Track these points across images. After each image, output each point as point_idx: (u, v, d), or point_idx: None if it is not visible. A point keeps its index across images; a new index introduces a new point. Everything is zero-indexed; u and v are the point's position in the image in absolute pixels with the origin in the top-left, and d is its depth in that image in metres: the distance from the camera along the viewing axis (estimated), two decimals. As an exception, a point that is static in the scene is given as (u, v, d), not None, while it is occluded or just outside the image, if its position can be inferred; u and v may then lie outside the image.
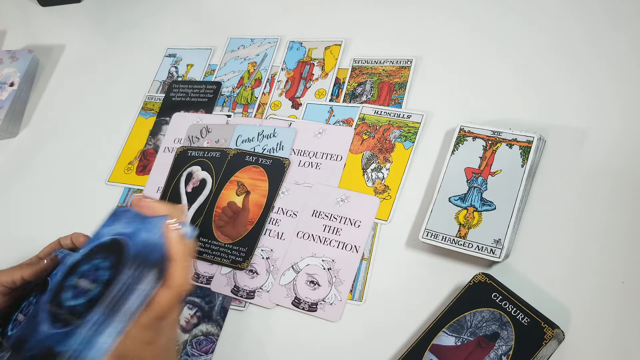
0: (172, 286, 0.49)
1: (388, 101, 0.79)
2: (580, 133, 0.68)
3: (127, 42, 1.03)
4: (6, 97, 0.99)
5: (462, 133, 0.69)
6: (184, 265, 0.49)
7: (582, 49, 0.74)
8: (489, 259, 0.61)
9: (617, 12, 0.74)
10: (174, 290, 0.49)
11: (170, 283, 0.49)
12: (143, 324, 0.48)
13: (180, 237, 0.50)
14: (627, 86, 0.69)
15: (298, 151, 0.78)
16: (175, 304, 0.49)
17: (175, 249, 0.49)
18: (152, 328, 0.49)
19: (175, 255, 0.49)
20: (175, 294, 0.49)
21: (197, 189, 0.80)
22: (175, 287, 0.49)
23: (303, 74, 0.86)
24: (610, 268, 0.60)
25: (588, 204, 0.64)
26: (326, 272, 0.69)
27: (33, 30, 1.13)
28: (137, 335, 0.48)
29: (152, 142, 0.88)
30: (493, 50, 0.78)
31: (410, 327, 0.63)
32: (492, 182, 0.65)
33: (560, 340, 0.57)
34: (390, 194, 0.72)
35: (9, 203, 0.91)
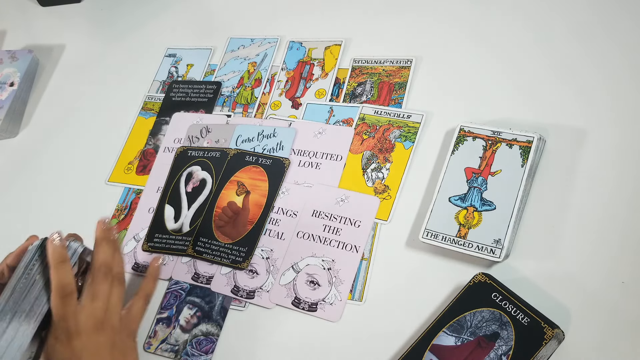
0: (53, 288, 0.57)
1: (388, 101, 0.79)
2: (580, 133, 0.68)
3: (127, 42, 1.03)
4: (6, 97, 0.99)
5: (462, 133, 0.69)
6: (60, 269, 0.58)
7: (582, 49, 0.74)
8: (489, 259, 0.61)
9: (614, 14, 0.75)
10: (54, 292, 0.57)
11: (52, 286, 0.58)
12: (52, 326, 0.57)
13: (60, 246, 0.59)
14: (627, 86, 0.69)
15: (298, 151, 0.78)
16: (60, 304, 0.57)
17: (50, 256, 0.58)
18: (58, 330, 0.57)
19: (50, 262, 0.58)
20: (55, 295, 0.57)
21: (197, 189, 0.80)
22: (55, 288, 0.57)
23: (303, 74, 0.86)
24: (610, 268, 0.60)
25: (588, 204, 0.64)
26: (326, 272, 0.69)
27: (33, 30, 1.13)
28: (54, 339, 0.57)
29: (152, 142, 0.88)
30: (493, 50, 0.78)
31: (410, 327, 0.63)
32: (492, 182, 0.65)
33: (560, 340, 0.57)
34: (390, 194, 0.72)
35: (8, 203, 0.91)
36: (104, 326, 0.58)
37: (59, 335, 0.57)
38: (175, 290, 0.74)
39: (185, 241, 0.76)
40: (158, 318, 0.73)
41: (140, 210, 0.82)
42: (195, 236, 0.76)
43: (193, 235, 0.76)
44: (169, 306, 0.73)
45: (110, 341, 0.58)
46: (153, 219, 0.80)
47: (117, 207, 0.84)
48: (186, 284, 0.74)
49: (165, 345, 0.70)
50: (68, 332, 0.57)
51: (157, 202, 0.81)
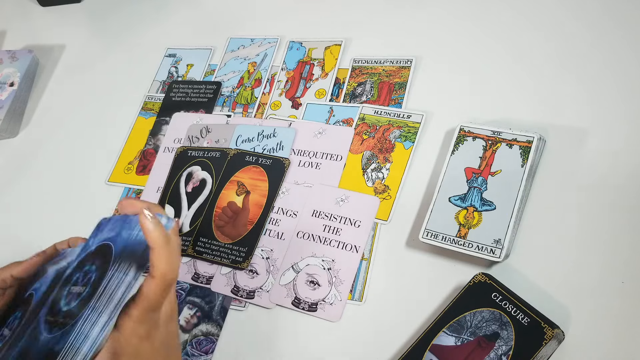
0: (156, 275, 0.48)
1: (388, 101, 0.79)
2: (580, 133, 0.68)
3: (127, 42, 1.03)
4: (6, 97, 0.99)
5: (462, 133, 0.69)
6: (165, 252, 0.48)
7: (582, 49, 0.74)
8: (489, 259, 0.61)
9: (618, 12, 0.75)
10: (158, 279, 0.48)
11: (153, 272, 0.48)
12: (135, 317, 0.47)
13: (157, 225, 0.49)
14: (627, 86, 0.69)
15: (298, 151, 0.78)
16: (163, 292, 0.49)
17: (152, 238, 0.48)
18: (145, 322, 0.48)
19: (154, 244, 0.48)
20: (160, 282, 0.48)
21: (197, 189, 0.80)
22: (159, 276, 0.48)
23: (303, 74, 0.86)
24: (610, 268, 0.60)
25: (588, 204, 0.64)
26: (326, 272, 0.69)
27: (33, 30, 1.13)
28: (131, 331, 0.47)
29: (152, 142, 0.88)
30: (493, 50, 0.78)
31: (410, 327, 0.63)
32: (492, 182, 0.65)
33: (560, 340, 0.57)
34: (390, 194, 0.72)
35: (9, 203, 0.91)
36: (174, 315, 0.52)
37: (139, 328, 0.48)
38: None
39: (185, 241, 0.76)
40: (158, 318, 0.73)
41: (140, 210, 0.82)
42: (195, 236, 0.76)
43: (193, 235, 0.76)
44: (169, 306, 0.73)
45: (176, 329, 0.53)
46: (153, 219, 0.80)
47: (117, 207, 0.84)
48: (186, 284, 0.74)
49: (165, 345, 0.70)
50: (153, 324, 0.49)
51: (157, 202, 0.81)
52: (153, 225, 0.48)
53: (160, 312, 0.49)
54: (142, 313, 0.48)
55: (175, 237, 0.50)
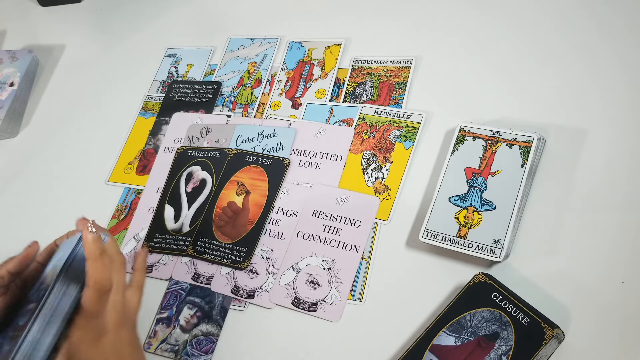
0: (89, 283, 0.53)
1: (388, 101, 0.79)
2: (580, 133, 0.68)
3: (127, 42, 1.03)
4: (6, 97, 0.99)
5: (462, 133, 0.69)
6: (98, 262, 0.54)
7: (582, 49, 0.74)
8: (489, 259, 0.61)
9: (618, 13, 0.74)
10: (91, 287, 0.53)
11: (87, 281, 0.53)
12: (79, 325, 0.53)
13: (95, 238, 0.54)
14: (627, 86, 0.69)
15: (298, 151, 0.78)
16: (99, 300, 0.53)
17: (87, 249, 0.54)
18: (88, 329, 0.53)
19: (88, 255, 0.54)
20: (94, 290, 0.53)
21: (197, 188, 0.80)
22: (92, 284, 0.53)
23: (303, 74, 0.86)
24: (610, 268, 0.60)
25: (588, 204, 0.64)
26: (326, 272, 0.69)
27: (33, 30, 1.13)
28: (78, 338, 0.53)
29: (152, 142, 0.88)
30: (493, 50, 0.78)
31: (410, 327, 0.63)
32: (492, 182, 0.65)
33: (560, 340, 0.57)
34: (390, 194, 0.72)
35: (9, 203, 0.91)
36: (125, 321, 0.56)
37: (85, 335, 0.53)
38: (175, 290, 0.74)
39: (185, 241, 0.76)
40: (158, 318, 0.73)
41: (140, 210, 0.82)
42: (195, 236, 0.76)
43: (193, 235, 0.76)
44: (169, 306, 0.73)
45: (129, 336, 0.57)
46: (153, 219, 0.80)
47: (117, 207, 0.84)
48: (186, 284, 0.74)
49: (165, 345, 0.70)
50: (98, 330, 0.54)
51: (157, 202, 0.81)
52: (91, 237, 0.54)
53: (104, 319, 0.54)
54: (83, 320, 0.53)
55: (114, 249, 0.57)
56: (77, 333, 0.53)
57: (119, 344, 0.55)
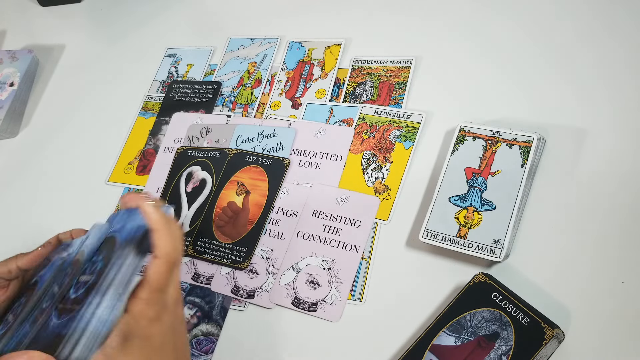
0: (160, 255, 0.49)
1: (388, 101, 0.79)
2: (580, 133, 0.68)
3: (127, 42, 1.03)
4: (6, 97, 0.99)
5: (462, 133, 0.69)
6: (166, 232, 0.49)
7: (582, 49, 0.74)
8: (489, 259, 0.61)
9: (614, 13, 0.75)
10: (162, 259, 0.49)
11: (157, 252, 0.49)
12: (143, 299, 0.48)
13: (158, 209, 0.50)
14: (627, 86, 0.69)
15: (298, 151, 0.78)
16: (167, 272, 0.49)
17: (153, 219, 0.50)
18: (153, 303, 0.49)
19: (155, 225, 0.49)
20: (164, 262, 0.49)
21: (197, 189, 0.80)
22: (163, 255, 0.49)
23: (303, 74, 0.86)
24: (610, 268, 0.60)
25: (588, 204, 0.64)
26: (326, 272, 0.69)
27: (33, 30, 1.13)
28: (140, 313, 0.48)
29: (152, 142, 0.88)
30: (493, 50, 0.78)
31: (410, 327, 0.63)
32: (492, 182, 0.65)
33: (560, 340, 0.57)
34: (390, 194, 0.72)
35: (9, 203, 0.91)
36: (180, 298, 0.53)
37: (147, 310, 0.48)
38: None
39: (185, 241, 0.76)
40: (158, 318, 0.73)
41: (140, 210, 0.82)
42: (195, 236, 0.76)
43: (193, 235, 0.76)
44: (169, 306, 0.73)
45: (182, 313, 0.54)
46: (153, 219, 0.80)
47: (117, 207, 0.84)
48: (186, 284, 0.74)
49: (165, 345, 0.70)
50: (161, 306, 0.50)
51: (157, 202, 0.81)
52: (154, 208, 0.50)
53: (167, 294, 0.50)
54: (149, 294, 0.48)
55: (176, 222, 0.52)
56: (139, 307, 0.48)
57: (176, 321, 0.52)
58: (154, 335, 0.49)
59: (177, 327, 0.52)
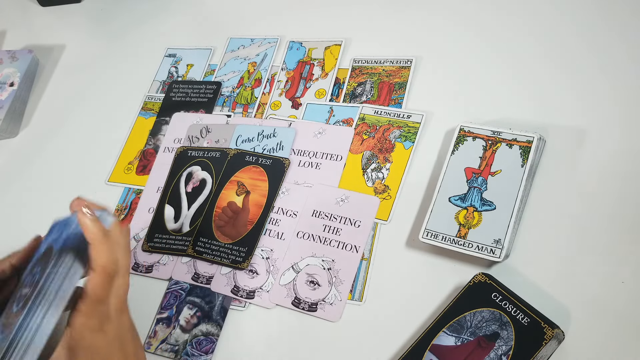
0: (96, 268, 0.50)
1: (388, 101, 0.79)
2: (580, 133, 0.68)
3: (127, 42, 1.03)
4: (6, 97, 0.99)
5: (462, 133, 0.69)
6: (103, 246, 0.51)
7: (582, 49, 0.74)
8: (489, 259, 0.61)
9: (615, 12, 0.75)
10: (98, 272, 0.50)
11: (93, 265, 0.50)
12: (83, 311, 0.50)
13: (94, 221, 0.51)
14: (627, 86, 0.69)
15: (298, 151, 0.78)
16: (105, 285, 0.51)
17: (89, 233, 0.51)
18: (93, 315, 0.50)
19: (91, 239, 0.51)
20: (101, 275, 0.50)
21: (197, 189, 0.80)
22: (99, 269, 0.50)
23: (303, 74, 0.86)
24: (610, 268, 0.60)
25: (588, 204, 0.64)
26: (326, 272, 0.69)
27: (33, 30, 1.13)
28: (82, 325, 0.49)
29: (152, 142, 0.88)
30: (493, 50, 0.78)
31: (410, 327, 0.63)
32: (492, 182, 0.65)
33: (560, 340, 0.57)
34: (390, 194, 0.72)
35: (8, 203, 0.91)
36: (125, 306, 0.54)
37: (88, 322, 0.50)
38: (175, 290, 0.74)
39: (185, 241, 0.76)
40: (158, 318, 0.73)
41: (140, 210, 0.82)
42: (195, 236, 0.76)
43: (193, 235, 0.76)
44: (169, 306, 0.73)
45: (129, 321, 0.55)
46: (153, 219, 0.80)
47: (117, 207, 0.84)
48: (186, 284, 0.74)
49: (165, 345, 0.70)
50: (102, 317, 0.51)
51: (157, 202, 0.81)
52: (90, 221, 0.51)
53: (108, 305, 0.51)
54: (89, 307, 0.50)
55: (117, 231, 0.53)
56: (79, 320, 0.49)
57: (121, 330, 0.53)
58: (99, 346, 0.50)
59: (124, 336, 0.53)
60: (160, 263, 0.76)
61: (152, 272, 0.76)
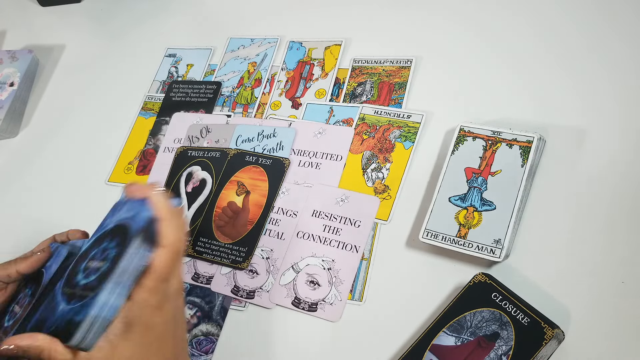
0: (166, 245, 0.50)
1: (388, 101, 0.79)
2: (580, 133, 0.68)
3: (127, 42, 1.03)
4: (6, 97, 0.99)
5: (462, 133, 0.69)
6: (173, 222, 0.51)
7: (582, 49, 0.74)
8: (489, 259, 0.61)
9: (615, 12, 0.75)
10: (168, 249, 0.50)
11: (163, 242, 0.50)
12: (147, 287, 0.49)
13: (166, 199, 0.51)
14: (627, 86, 0.69)
15: (298, 151, 0.78)
16: (172, 262, 0.50)
17: (161, 209, 0.51)
18: (157, 292, 0.49)
19: (162, 214, 0.50)
20: (170, 251, 0.50)
21: (197, 189, 0.80)
22: (169, 245, 0.50)
23: (303, 74, 0.86)
24: (610, 268, 0.60)
25: (588, 204, 0.64)
26: (326, 272, 0.69)
27: (33, 30, 1.13)
28: (143, 301, 0.49)
29: (152, 142, 0.88)
30: (493, 50, 0.78)
31: (410, 327, 0.63)
32: (492, 182, 0.65)
33: (560, 340, 0.57)
34: (390, 194, 0.72)
35: (9, 203, 0.91)
36: (181, 289, 0.53)
37: (151, 299, 0.49)
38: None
39: (185, 241, 0.76)
40: (158, 318, 0.73)
41: (140, 210, 0.82)
42: (195, 236, 0.76)
43: (193, 235, 0.76)
44: (169, 306, 0.73)
45: (183, 304, 0.54)
46: (153, 219, 0.80)
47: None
48: (186, 284, 0.74)
49: (165, 345, 0.70)
50: (164, 295, 0.50)
51: (157, 202, 0.81)
52: (162, 198, 0.51)
53: (170, 284, 0.51)
54: (154, 283, 0.49)
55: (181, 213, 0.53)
56: (142, 295, 0.49)
57: (177, 311, 0.52)
58: (155, 324, 0.49)
59: (178, 317, 0.53)
60: None
61: (152, 272, 0.76)
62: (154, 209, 0.51)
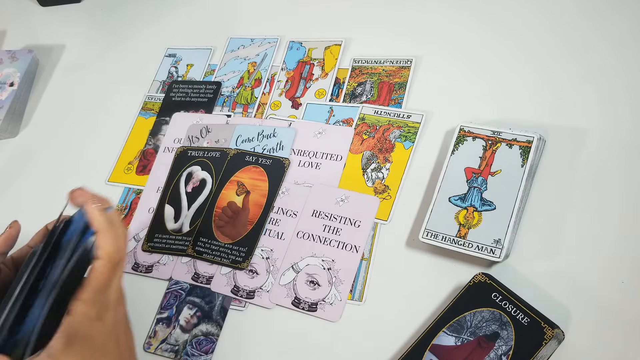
0: (102, 256, 0.51)
1: (388, 101, 0.79)
2: (580, 133, 0.68)
3: (127, 42, 1.03)
4: (6, 97, 0.99)
5: (462, 133, 0.69)
6: (109, 234, 0.51)
7: (582, 49, 0.74)
8: (489, 259, 0.61)
9: (618, 13, 0.75)
10: (105, 259, 0.50)
11: (99, 253, 0.51)
12: (85, 299, 0.50)
13: (101, 210, 0.53)
14: (628, 86, 0.69)
15: (298, 151, 0.78)
16: (110, 273, 0.51)
17: (96, 221, 0.52)
18: (95, 303, 0.50)
19: (98, 227, 0.51)
20: (107, 262, 0.51)
21: (197, 189, 0.80)
22: (105, 256, 0.51)
23: (303, 74, 0.86)
24: (610, 268, 0.60)
25: (588, 204, 0.64)
26: (326, 272, 0.69)
27: (33, 30, 1.13)
28: (82, 313, 0.49)
29: (152, 142, 0.88)
30: (493, 50, 0.78)
31: (410, 327, 0.63)
32: (492, 182, 0.65)
33: (560, 340, 0.57)
34: (390, 194, 0.72)
35: (8, 203, 0.91)
36: (122, 298, 0.54)
37: (90, 311, 0.50)
38: (175, 290, 0.74)
39: (185, 241, 0.76)
40: (158, 318, 0.73)
41: (140, 210, 0.82)
42: (195, 236, 0.76)
43: (193, 235, 0.76)
44: (169, 306, 0.73)
45: (124, 313, 0.55)
46: (153, 219, 0.80)
47: (117, 207, 0.84)
48: (186, 284, 0.74)
49: (165, 345, 0.70)
50: (103, 306, 0.51)
51: (157, 202, 0.81)
52: (97, 210, 0.52)
53: (109, 294, 0.51)
54: (91, 295, 0.50)
55: (118, 221, 0.54)
56: (80, 308, 0.49)
57: (118, 321, 0.53)
58: (96, 335, 0.50)
59: (120, 326, 0.53)
60: (160, 263, 0.76)
61: (152, 272, 0.76)
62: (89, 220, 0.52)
